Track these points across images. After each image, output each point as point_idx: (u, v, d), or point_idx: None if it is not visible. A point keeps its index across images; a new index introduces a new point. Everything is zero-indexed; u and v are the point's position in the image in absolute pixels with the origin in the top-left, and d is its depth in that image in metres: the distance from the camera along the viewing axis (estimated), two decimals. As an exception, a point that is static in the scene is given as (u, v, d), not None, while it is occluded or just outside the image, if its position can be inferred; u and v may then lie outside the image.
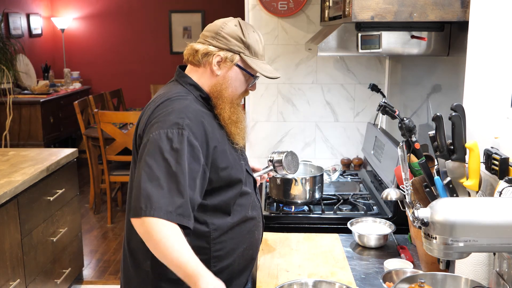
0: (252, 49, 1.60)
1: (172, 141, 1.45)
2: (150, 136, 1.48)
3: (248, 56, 1.60)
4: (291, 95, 3.06)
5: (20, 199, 2.66)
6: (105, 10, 7.25)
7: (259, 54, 1.63)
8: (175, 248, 1.40)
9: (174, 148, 1.44)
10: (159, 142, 1.45)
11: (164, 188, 1.41)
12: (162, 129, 1.47)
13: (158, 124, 1.49)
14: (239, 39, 1.58)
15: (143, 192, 1.41)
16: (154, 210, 1.39)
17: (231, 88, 1.61)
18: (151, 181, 1.42)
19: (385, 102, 1.85)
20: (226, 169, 1.57)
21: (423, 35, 1.99)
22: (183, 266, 1.40)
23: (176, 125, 1.47)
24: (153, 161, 1.44)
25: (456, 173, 1.42)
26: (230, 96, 1.61)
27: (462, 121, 1.40)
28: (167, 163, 1.43)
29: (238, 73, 1.61)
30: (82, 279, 3.64)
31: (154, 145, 1.45)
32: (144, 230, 1.42)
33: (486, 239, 1.12)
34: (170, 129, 1.46)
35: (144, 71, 7.31)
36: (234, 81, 1.61)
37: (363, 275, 1.73)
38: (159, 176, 1.42)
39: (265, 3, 2.92)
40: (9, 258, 2.56)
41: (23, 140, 5.75)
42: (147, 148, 1.46)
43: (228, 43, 1.58)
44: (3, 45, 5.39)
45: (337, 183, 2.73)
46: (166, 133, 1.46)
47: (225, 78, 1.60)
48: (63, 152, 3.25)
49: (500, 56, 1.46)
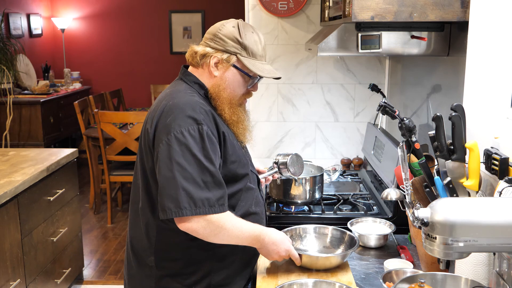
0: (250, 49, 1.61)
1: (194, 137, 1.49)
2: (171, 135, 1.49)
3: (245, 57, 1.61)
4: (291, 95, 3.06)
5: (20, 199, 2.66)
6: (105, 10, 7.25)
7: (258, 54, 1.63)
8: (234, 234, 1.55)
9: (199, 144, 1.49)
10: (184, 140, 1.48)
11: (202, 184, 1.48)
12: (182, 127, 1.49)
13: (176, 122, 1.50)
14: (235, 40, 1.59)
15: (182, 192, 1.46)
16: (199, 208, 1.47)
17: (229, 89, 1.62)
18: (187, 180, 1.47)
19: (385, 102, 1.85)
20: (234, 162, 1.61)
21: (423, 35, 1.99)
22: (247, 240, 1.59)
23: (195, 121, 1.50)
24: (183, 160, 1.47)
25: (456, 173, 1.42)
26: (229, 97, 1.62)
27: (462, 121, 1.40)
28: (196, 159, 1.48)
29: (235, 74, 1.62)
30: (82, 279, 3.64)
31: (179, 144, 1.48)
32: (195, 228, 1.50)
33: (486, 239, 1.12)
34: (190, 126, 1.50)
35: (144, 71, 7.31)
36: (232, 82, 1.62)
37: (363, 275, 1.73)
38: (193, 174, 1.47)
39: (265, 3, 2.92)
40: (9, 258, 2.56)
41: (23, 140, 5.75)
42: (173, 148, 1.48)
43: (225, 44, 1.60)
44: (3, 45, 5.39)
45: (337, 183, 2.73)
46: (188, 130, 1.49)
47: (223, 79, 1.61)
48: (63, 152, 3.25)
49: (500, 56, 1.46)
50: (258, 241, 1.60)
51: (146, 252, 1.64)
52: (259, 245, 1.61)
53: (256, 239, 1.60)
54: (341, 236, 1.89)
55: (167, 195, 1.47)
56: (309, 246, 1.90)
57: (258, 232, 1.60)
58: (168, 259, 1.63)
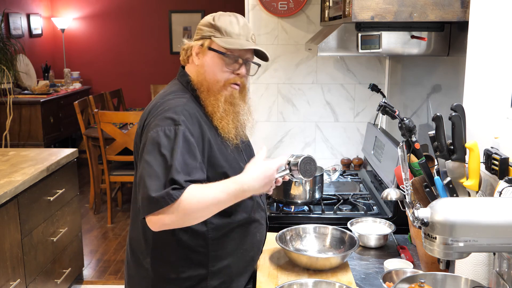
0: (223, 29, 1.59)
1: (169, 137, 1.47)
2: (148, 135, 1.50)
3: (219, 37, 1.59)
4: (291, 95, 3.06)
5: (20, 199, 2.66)
6: (105, 10, 7.25)
7: (234, 33, 1.59)
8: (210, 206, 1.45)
9: (170, 143, 1.46)
10: (157, 139, 1.47)
11: (162, 178, 1.42)
12: (159, 127, 1.49)
13: (155, 122, 1.51)
14: (209, 24, 1.61)
15: (146, 190, 1.43)
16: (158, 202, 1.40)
17: (208, 74, 1.59)
18: (150, 177, 1.44)
19: (385, 102, 1.85)
20: (222, 167, 1.57)
21: (423, 35, 1.99)
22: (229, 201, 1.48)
23: (173, 121, 1.49)
24: (152, 158, 1.46)
25: (456, 173, 1.42)
26: (208, 83, 1.59)
27: (462, 121, 1.40)
28: (164, 158, 1.45)
29: (213, 56, 1.59)
30: (82, 279, 3.64)
31: (152, 143, 1.47)
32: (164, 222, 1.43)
33: (486, 239, 1.12)
34: (167, 126, 1.48)
35: (144, 71, 7.31)
36: (211, 66, 1.59)
37: (363, 275, 1.73)
38: (157, 170, 1.44)
39: (265, 3, 2.92)
40: (9, 258, 2.56)
41: (23, 140, 5.75)
42: (146, 147, 1.48)
43: (201, 32, 1.62)
44: (3, 45, 5.39)
45: (337, 183, 2.73)
46: (163, 130, 1.48)
47: (203, 66, 1.60)
48: (63, 152, 3.25)
49: (500, 56, 1.46)
50: (242, 191, 1.48)
51: (143, 253, 1.64)
52: (245, 194, 1.50)
53: (237, 193, 1.48)
54: (341, 236, 1.89)
55: (140, 194, 1.45)
56: (309, 246, 1.90)
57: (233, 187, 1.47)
58: (164, 262, 1.61)
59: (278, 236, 1.85)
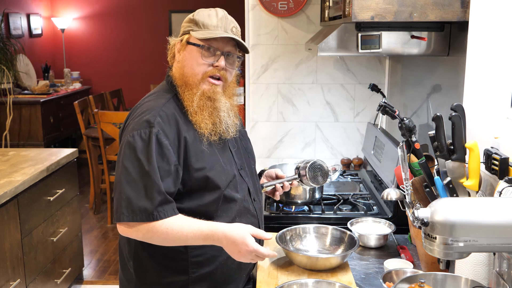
0: (200, 22, 1.56)
1: (144, 140, 1.46)
2: (125, 138, 1.50)
3: (196, 30, 1.57)
4: (291, 95, 3.06)
5: (20, 199, 2.66)
6: (105, 10, 7.25)
7: (211, 25, 1.55)
8: (181, 237, 1.46)
9: (145, 147, 1.45)
10: (133, 143, 1.46)
11: (142, 190, 1.43)
12: (135, 130, 1.48)
13: (132, 125, 1.50)
14: (188, 19, 1.60)
15: (123, 196, 1.44)
16: (136, 215, 1.43)
17: (187, 68, 1.57)
18: (129, 183, 1.44)
19: (385, 102, 1.85)
20: (201, 170, 1.53)
21: (423, 35, 1.99)
22: (198, 240, 1.47)
23: (148, 123, 1.48)
24: (129, 163, 1.46)
25: (456, 173, 1.42)
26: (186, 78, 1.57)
27: (462, 121, 1.40)
28: (140, 163, 1.45)
29: (191, 50, 1.57)
30: (82, 279, 3.64)
31: (129, 147, 1.47)
32: (135, 235, 1.47)
33: (486, 239, 1.12)
34: (143, 129, 1.47)
35: (144, 71, 7.31)
36: (189, 60, 1.56)
37: (363, 275, 1.73)
38: (135, 178, 1.44)
39: (265, 3, 2.92)
40: (9, 258, 2.56)
41: (23, 140, 5.75)
42: (123, 151, 1.48)
43: (182, 29, 1.61)
44: (3, 45, 5.39)
45: (337, 183, 2.73)
46: (139, 133, 1.47)
47: (181, 60, 1.59)
48: (63, 152, 3.25)
49: (500, 56, 1.46)
50: (214, 240, 1.46)
51: (127, 256, 1.64)
52: (219, 244, 1.47)
53: (210, 239, 1.46)
54: (341, 236, 1.89)
55: (115, 199, 1.46)
56: (309, 246, 1.90)
57: (210, 231, 1.46)
58: (145, 266, 1.60)
59: (278, 236, 1.85)
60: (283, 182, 1.84)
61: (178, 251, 1.56)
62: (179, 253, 1.56)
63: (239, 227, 1.47)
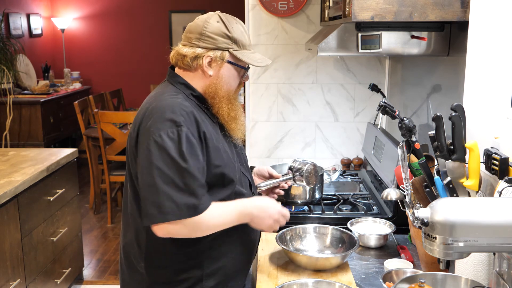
0: (240, 42, 1.57)
1: (173, 140, 1.45)
2: (150, 139, 1.46)
3: (237, 50, 1.57)
4: (291, 95, 3.06)
5: (20, 199, 2.66)
6: (105, 10, 7.25)
7: (247, 44, 1.60)
8: (218, 224, 1.53)
9: (177, 146, 1.45)
10: (162, 143, 1.44)
11: (182, 187, 1.44)
12: (161, 130, 1.46)
13: (156, 126, 1.47)
14: (225, 35, 1.56)
15: (164, 196, 1.43)
16: (182, 211, 1.44)
17: (226, 85, 1.59)
18: (167, 184, 1.43)
19: (385, 102, 1.85)
20: (219, 167, 1.55)
21: (423, 35, 1.99)
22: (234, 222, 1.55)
23: (174, 123, 1.46)
24: (163, 164, 1.44)
25: (456, 173, 1.42)
26: (226, 93, 1.60)
27: (462, 121, 1.40)
28: (175, 162, 1.44)
29: (230, 69, 1.58)
30: (82, 279, 3.64)
31: (158, 148, 1.45)
32: (177, 232, 1.48)
33: (486, 239, 1.12)
34: (169, 128, 1.46)
35: (144, 71, 7.31)
36: (228, 78, 1.59)
37: (363, 275, 1.73)
38: (173, 177, 1.44)
39: (265, 3, 2.92)
40: (9, 258, 2.56)
41: (23, 140, 5.75)
42: (152, 152, 1.45)
43: (215, 42, 1.55)
44: (3, 45, 5.39)
45: (337, 183, 2.73)
46: (167, 133, 1.45)
47: (219, 77, 1.58)
48: (63, 152, 3.25)
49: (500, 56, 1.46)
50: (246, 216, 1.56)
51: (136, 258, 1.62)
52: (249, 220, 1.57)
53: (243, 215, 1.56)
54: (341, 236, 1.89)
55: (150, 201, 1.45)
56: (309, 246, 1.90)
57: (242, 208, 1.56)
58: (158, 266, 1.60)
59: (278, 236, 1.85)
60: (279, 182, 1.86)
61: (193, 248, 1.57)
62: (194, 249, 1.57)
63: (259, 197, 1.64)
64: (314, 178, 1.88)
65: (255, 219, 1.57)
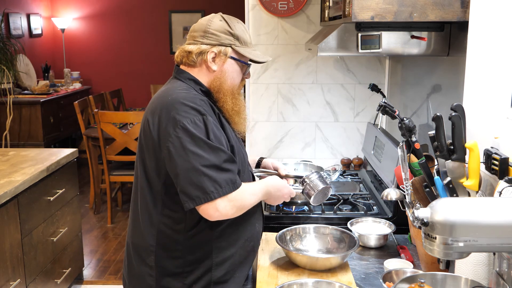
0: (242, 39, 1.67)
1: (200, 127, 1.52)
2: (179, 128, 1.51)
3: (239, 46, 1.66)
4: (291, 95, 3.06)
5: (20, 199, 2.66)
6: (105, 10, 7.25)
7: (248, 42, 1.69)
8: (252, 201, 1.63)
9: (205, 131, 1.53)
10: (192, 130, 1.51)
11: (220, 166, 1.52)
12: (188, 118, 1.52)
13: (181, 114, 1.52)
14: (227, 32, 1.64)
15: (205, 177, 1.50)
16: (224, 188, 1.52)
17: (229, 79, 1.67)
18: (206, 166, 1.50)
19: (385, 102, 1.85)
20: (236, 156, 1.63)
21: (423, 35, 1.99)
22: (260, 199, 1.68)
23: (198, 112, 1.54)
24: (197, 148, 1.50)
25: (456, 173, 1.42)
26: (230, 88, 1.68)
27: (462, 121, 1.40)
28: (208, 144, 1.51)
29: (233, 64, 1.67)
30: (82, 279, 3.64)
31: (189, 134, 1.51)
32: (222, 210, 1.53)
33: (486, 239, 1.12)
34: (195, 116, 1.53)
35: (144, 71, 7.31)
36: (231, 73, 1.67)
37: (363, 275, 1.73)
38: (210, 158, 1.51)
39: (265, 3, 2.92)
40: (9, 258, 2.56)
41: (23, 140, 5.75)
42: (184, 139, 1.51)
43: (219, 38, 1.64)
44: (3, 45, 5.39)
45: (337, 183, 2.73)
46: (194, 121, 1.52)
47: (222, 72, 1.66)
48: (63, 152, 3.25)
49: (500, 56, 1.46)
50: (266, 194, 1.69)
51: (146, 251, 1.65)
52: (267, 197, 1.70)
53: (264, 194, 1.68)
54: (341, 236, 1.89)
55: (192, 184, 1.50)
56: (309, 246, 1.90)
57: (266, 188, 1.68)
58: (168, 258, 1.63)
59: (278, 236, 1.85)
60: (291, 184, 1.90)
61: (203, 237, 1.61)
62: (204, 239, 1.61)
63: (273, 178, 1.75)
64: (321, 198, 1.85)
65: (271, 197, 1.71)
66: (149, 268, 1.65)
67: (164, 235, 1.62)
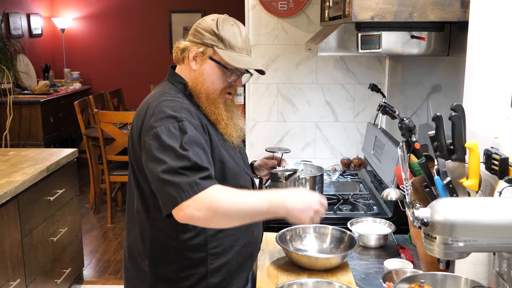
0: (227, 41, 1.57)
1: (174, 134, 1.45)
2: (153, 133, 1.47)
3: (222, 49, 1.57)
4: (291, 95, 3.06)
5: (20, 199, 2.66)
6: (105, 10, 7.25)
7: (237, 47, 1.58)
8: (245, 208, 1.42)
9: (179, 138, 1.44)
10: (163, 136, 1.44)
11: (182, 172, 1.40)
12: (163, 125, 1.46)
13: (158, 122, 1.48)
14: (212, 32, 1.57)
15: (169, 185, 1.40)
16: (186, 192, 1.38)
17: (207, 82, 1.58)
18: (170, 173, 1.41)
19: (385, 102, 1.85)
20: (221, 163, 1.57)
21: (423, 35, 1.99)
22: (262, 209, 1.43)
23: (175, 118, 1.47)
24: (163, 155, 1.43)
25: (456, 173, 1.42)
26: (207, 92, 1.59)
27: (462, 121, 1.40)
28: (175, 151, 1.42)
29: (213, 66, 1.58)
30: (82, 279, 3.64)
31: (159, 141, 1.45)
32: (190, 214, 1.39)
33: (486, 239, 1.12)
34: (171, 124, 1.46)
35: (144, 71, 7.31)
36: (210, 75, 1.58)
37: (363, 275, 1.73)
38: (173, 165, 1.41)
39: (265, 3, 2.92)
40: (9, 258, 2.56)
41: (23, 140, 5.75)
42: (153, 146, 1.45)
43: (202, 37, 1.58)
44: (4, 45, 5.39)
45: (337, 183, 2.73)
46: (168, 127, 1.46)
47: (200, 72, 1.59)
48: (63, 152, 3.25)
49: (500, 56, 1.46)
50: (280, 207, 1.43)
51: (141, 255, 1.63)
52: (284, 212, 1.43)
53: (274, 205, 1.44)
54: (341, 236, 1.89)
55: (161, 192, 1.44)
56: (309, 246, 1.90)
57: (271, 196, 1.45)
58: (163, 263, 1.61)
59: (278, 236, 1.85)
60: None
61: (198, 244, 1.57)
62: (198, 245, 1.58)
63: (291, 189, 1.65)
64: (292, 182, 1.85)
65: (292, 211, 1.43)
66: (143, 273, 1.63)
67: (158, 240, 1.59)
